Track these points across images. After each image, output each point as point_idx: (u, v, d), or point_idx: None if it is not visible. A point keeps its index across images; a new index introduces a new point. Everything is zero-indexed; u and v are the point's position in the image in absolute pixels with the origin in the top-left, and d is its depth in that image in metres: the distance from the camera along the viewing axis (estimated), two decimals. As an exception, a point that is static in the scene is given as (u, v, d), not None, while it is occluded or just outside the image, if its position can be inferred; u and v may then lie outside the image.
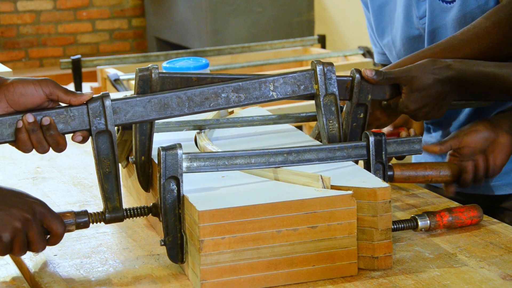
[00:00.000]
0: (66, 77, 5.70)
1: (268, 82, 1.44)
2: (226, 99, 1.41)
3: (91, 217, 1.34)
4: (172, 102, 1.37)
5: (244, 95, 1.42)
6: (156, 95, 1.37)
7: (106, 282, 1.29)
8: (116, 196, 1.35)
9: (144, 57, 4.17)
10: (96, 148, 1.33)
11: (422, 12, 1.72)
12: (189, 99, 1.38)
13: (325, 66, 1.46)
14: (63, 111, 1.33)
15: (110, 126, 1.33)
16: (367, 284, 1.25)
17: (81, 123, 1.33)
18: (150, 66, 1.41)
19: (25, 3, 6.42)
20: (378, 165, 1.41)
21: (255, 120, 1.60)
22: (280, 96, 1.44)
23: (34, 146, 1.32)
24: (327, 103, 1.46)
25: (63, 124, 1.33)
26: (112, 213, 1.35)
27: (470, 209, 1.45)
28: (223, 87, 1.41)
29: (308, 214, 1.24)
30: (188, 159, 1.28)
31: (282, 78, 1.45)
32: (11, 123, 1.31)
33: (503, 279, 1.25)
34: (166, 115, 1.37)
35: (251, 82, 1.43)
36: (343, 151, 1.38)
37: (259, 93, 1.43)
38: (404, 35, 1.77)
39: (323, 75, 1.45)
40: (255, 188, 1.31)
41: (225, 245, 1.21)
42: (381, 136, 1.40)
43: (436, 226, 1.42)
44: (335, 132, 1.47)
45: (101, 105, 1.33)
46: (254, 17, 5.56)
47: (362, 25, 5.16)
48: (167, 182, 1.26)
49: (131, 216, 1.36)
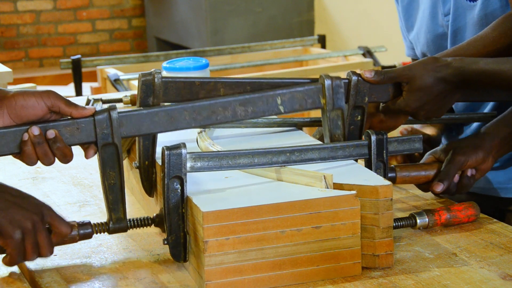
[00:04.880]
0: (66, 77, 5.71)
1: (275, 96, 1.44)
2: (233, 113, 1.41)
3: (94, 227, 1.35)
4: (180, 116, 1.37)
5: (251, 109, 1.42)
6: (163, 108, 1.36)
7: (106, 282, 1.29)
8: (120, 207, 1.35)
9: (144, 57, 4.16)
10: (101, 160, 1.33)
11: (447, 9, 1.73)
12: (196, 112, 1.38)
13: (333, 81, 1.46)
14: (70, 123, 1.32)
15: (116, 139, 1.33)
16: (367, 284, 1.26)
17: (88, 135, 1.32)
18: (153, 70, 1.41)
19: (25, 3, 6.42)
20: (379, 163, 1.42)
21: (259, 122, 1.61)
22: (287, 110, 1.44)
23: (40, 159, 1.31)
24: (334, 118, 1.46)
25: (69, 136, 1.31)
26: (116, 223, 1.35)
27: (468, 207, 1.46)
28: (230, 101, 1.41)
29: (312, 214, 1.24)
30: (192, 159, 1.28)
31: (290, 92, 1.44)
32: (16, 135, 1.29)
33: (503, 279, 1.26)
34: (173, 128, 1.37)
35: (258, 96, 1.42)
36: (345, 150, 1.39)
37: (266, 107, 1.43)
38: (428, 31, 1.78)
39: (331, 89, 1.45)
40: (258, 189, 1.31)
41: (230, 246, 1.22)
42: (382, 135, 1.41)
43: (434, 224, 1.43)
44: None
45: (108, 118, 1.32)
46: (254, 17, 5.56)
47: (362, 25, 5.18)
48: (171, 181, 1.27)
49: (135, 227, 1.37)
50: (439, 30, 1.76)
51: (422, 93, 1.49)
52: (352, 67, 3.89)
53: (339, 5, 5.38)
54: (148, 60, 4.12)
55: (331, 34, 5.35)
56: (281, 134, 1.60)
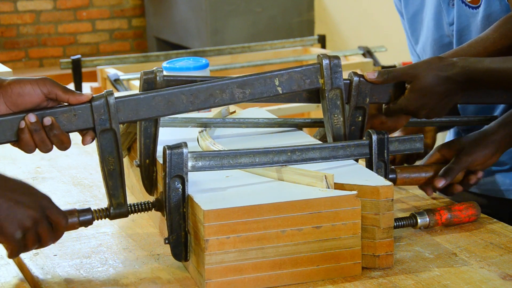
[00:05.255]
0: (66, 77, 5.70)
1: (273, 77, 1.43)
2: (231, 95, 1.40)
3: (95, 213, 1.34)
4: (177, 99, 1.37)
5: (249, 91, 1.41)
6: (160, 92, 1.36)
7: (106, 282, 1.29)
8: (120, 192, 1.35)
9: (144, 57, 4.16)
10: (100, 146, 1.33)
11: (452, 18, 1.73)
12: (194, 96, 1.38)
13: (331, 60, 1.45)
14: (67, 109, 1.31)
15: (114, 125, 1.33)
16: (367, 284, 1.26)
17: (85, 121, 1.32)
18: (155, 69, 1.41)
19: (25, 3, 6.42)
20: (380, 163, 1.42)
21: (260, 122, 1.61)
22: (285, 91, 1.43)
23: (38, 146, 1.31)
24: (333, 97, 1.46)
25: (66, 123, 1.31)
26: (117, 209, 1.35)
27: (469, 207, 1.47)
28: (228, 83, 1.40)
29: (313, 214, 1.25)
30: (193, 158, 1.29)
31: (288, 73, 1.43)
32: (13, 123, 1.29)
33: (503, 279, 1.26)
34: (170, 112, 1.37)
35: (256, 77, 1.41)
36: (346, 150, 1.39)
37: (264, 88, 1.42)
38: (434, 41, 1.78)
39: (329, 69, 1.45)
40: (259, 188, 1.32)
41: (230, 245, 1.22)
42: (383, 135, 1.41)
43: (435, 224, 1.44)
44: (339, 126, 1.47)
45: (105, 103, 1.32)
46: (254, 17, 5.57)
47: (362, 25, 5.18)
48: (172, 181, 1.27)
49: (136, 212, 1.36)
50: (445, 40, 1.77)
51: (425, 92, 1.47)
52: (352, 67, 3.89)
53: (339, 5, 5.38)
54: (148, 60, 4.12)
55: (331, 34, 5.35)
56: (282, 134, 1.60)
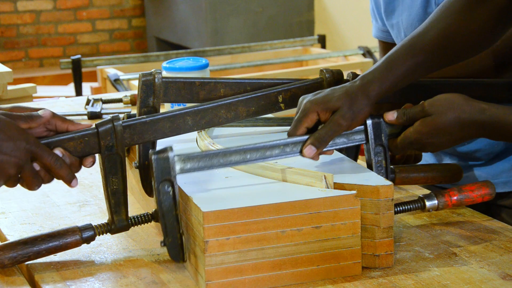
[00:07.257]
0: (66, 77, 5.71)
1: (277, 94, 1.44)
2: (235, 114, 1.41)
3: (97, 229, 1.35)
4: (183, 121, 1.38)
5: (253, 109, 1.43)
6: (165, 114, 1.37)
7: (106, 282, 1.29)
8: (122, 209, 1.35)
9: (144, 57, 4.17)
10: (104, 169, 1.33)
11: None
12: (199, 116, 1.39)
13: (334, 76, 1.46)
14: (73, 136, 1.32)
15: (120, 150, 1.33)
16: (367, 284, 1.26)
17: (92, 148, 1.32)
18: (153, 70, 1.41)
19: (25, 3, 6.43)
20: (379, 147, 1.38)
21: (259, 121, 1.61)
22: (287, 108, 1.44)
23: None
24: None
25: (72, 150, 1.31)
26: (118, 224, 1.36)
27: (481, 187, 1.40)
28: (233, 102, 1.41)
29: (312, 214, 1.25)
30: (181, 161, 1.28)
31: (291, 89, 1.44)
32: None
33: (503, 279, 1.26)
34: (175, 133, 1.38)
35: (260, 95, 1.43)
36: (343, 137, 1.37)
37: (267, 106, 1.44)
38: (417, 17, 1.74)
39: (332, 84, 1.45)
40: (259, 189, 1.32)
41: (230, 246, 1.22)
42: (379, 118, 1.38)
43: (445, 206, 1.39)
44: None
45: (112, 129, 1.32)
46: (254, 17, 5.57)
47: (362, 25, 5.18)
48: (162, 185, 1.26)
49: (136, 224, 1.37)
50: None
51: (440, 132, 1.33)
52: (352, 67, 3.89)
53: (339, 5, 5.38)
54: (148, 60, 4.13)
55: (331, 34, 5.36)
56: (281, 133, 1.60)
